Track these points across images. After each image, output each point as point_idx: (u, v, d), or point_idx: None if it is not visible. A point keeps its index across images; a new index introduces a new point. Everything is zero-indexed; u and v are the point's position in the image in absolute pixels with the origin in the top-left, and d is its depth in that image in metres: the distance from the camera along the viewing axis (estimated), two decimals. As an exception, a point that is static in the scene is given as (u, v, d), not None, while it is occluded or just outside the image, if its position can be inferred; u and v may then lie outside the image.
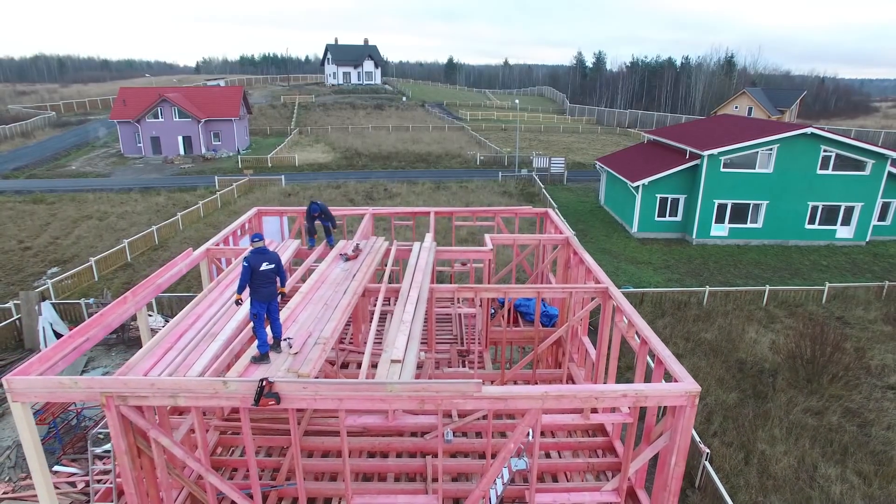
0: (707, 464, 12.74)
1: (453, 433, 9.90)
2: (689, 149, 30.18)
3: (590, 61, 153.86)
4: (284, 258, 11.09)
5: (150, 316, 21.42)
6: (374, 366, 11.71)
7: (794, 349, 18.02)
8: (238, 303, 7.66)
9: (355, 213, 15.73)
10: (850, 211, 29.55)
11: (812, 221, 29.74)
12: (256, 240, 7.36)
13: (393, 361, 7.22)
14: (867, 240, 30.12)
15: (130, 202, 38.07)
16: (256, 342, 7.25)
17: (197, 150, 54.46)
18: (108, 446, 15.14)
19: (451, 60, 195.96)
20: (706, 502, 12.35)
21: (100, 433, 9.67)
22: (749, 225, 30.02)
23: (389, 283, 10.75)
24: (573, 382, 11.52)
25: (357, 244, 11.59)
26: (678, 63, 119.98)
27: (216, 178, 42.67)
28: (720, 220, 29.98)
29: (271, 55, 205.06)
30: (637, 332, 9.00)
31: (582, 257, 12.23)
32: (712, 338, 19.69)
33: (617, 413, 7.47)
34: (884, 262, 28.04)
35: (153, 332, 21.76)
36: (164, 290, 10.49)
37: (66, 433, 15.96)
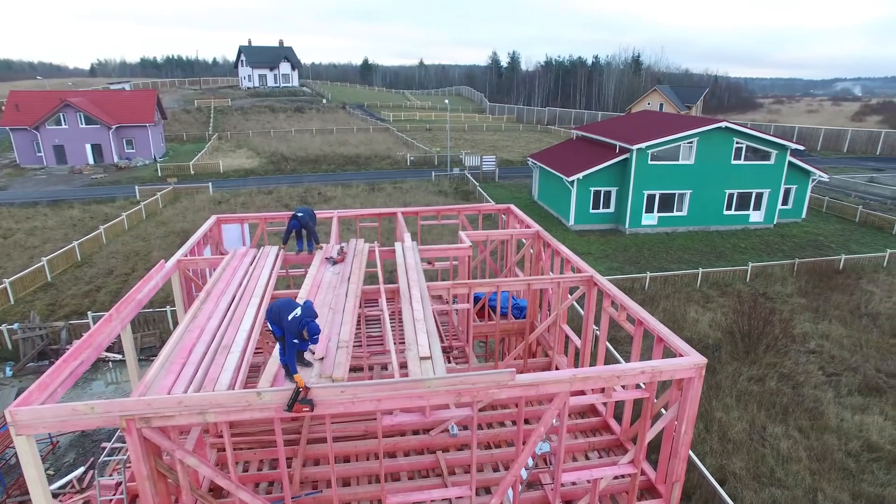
0: (677, 434, 13.71)
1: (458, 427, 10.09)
2: (618, 143, 31.99)
3: (505, 61, 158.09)
4: (267, 265, 10.75)
5: (86, 338, 19.82)
6: (383, 367, 11.66)
7: (732, 325, 19.72)
8: None
9: (321, 216, 15.41)
10: (759, 197, 32.59)
11: (729, 208, 32.51)
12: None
13: (422, 359, 7.29)
14: (775, 222, 33.35)
15: (39, 217, 34.77)
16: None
17: (108, 158, 50.56)
18: (65, 480, 13.95)
19: (366, 61, 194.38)
20: (679, 470, 13.28)
21: (107, 460, 8.89)
22: (675, 213, 32.31)
23: (375, 284, 10.75)
24: (559, 370, 12.02)
25: (342, 247, 11.46)
26: (590, 62, 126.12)
27: (136, 187, 39.90)
28: (650, 209, 32.04)
29: (176, 57, 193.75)
30: (630, 315, 9.61)
31: (557, 249, 12.78)
32: (659, 319, 20.99)
33: (637, 390, 7.96)
34: (790, 241, 31.17)
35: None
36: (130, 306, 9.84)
37: (8, 474, 14.51)
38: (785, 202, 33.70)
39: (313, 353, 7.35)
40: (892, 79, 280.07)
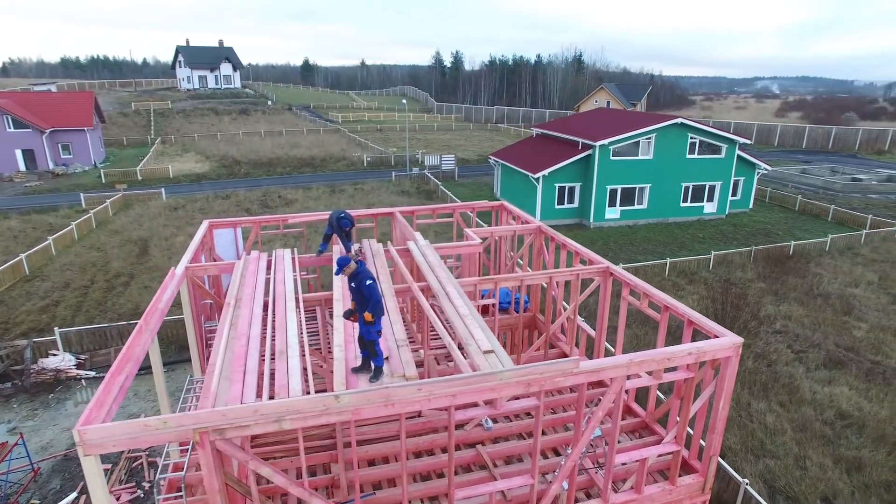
0: (677, 416, 14.38)
1: (492, 420, 10.23)
2: (581, 140, 32.96)
3: (448, 61, 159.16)
4: (288, 268, 10.51)
5: (55, 355, 18.64)
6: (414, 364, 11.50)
7: (705, 310, 20.79)
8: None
9: (316, 218, 15.16)
10: (712, 189, 34.46)
11: (685, 200, 34.18)
12: (346, 263, 7.02)
13: (485, 352, 7.37)
14: (726, 213, 35.35)
15: (-28, 229, 32.12)
16: (374, 360, 6.96)
17: (43, 164, 47.24)
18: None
19: (307, 62, 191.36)
20: (682, 449, 13.94)
21: (161, 479, 8.34)
22: (636, 206, 33.64)
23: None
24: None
25: (360, 247, 11.34)
26: (532, 61, 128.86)
27: (82, 195, 37.53)
28: (612, 203, 33.21)
29: (102, 57, 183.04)
30: (653, 302, 10.04)
31: (564, 242, 13.15)
32: (636, 309, 21.93)
33: (681, 371, 8.33)
34: (742, 230, 33.13)
35: (58, 371, 18.90)
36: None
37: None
38: (734, 193, 35.78)
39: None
40: (803, 78, 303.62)
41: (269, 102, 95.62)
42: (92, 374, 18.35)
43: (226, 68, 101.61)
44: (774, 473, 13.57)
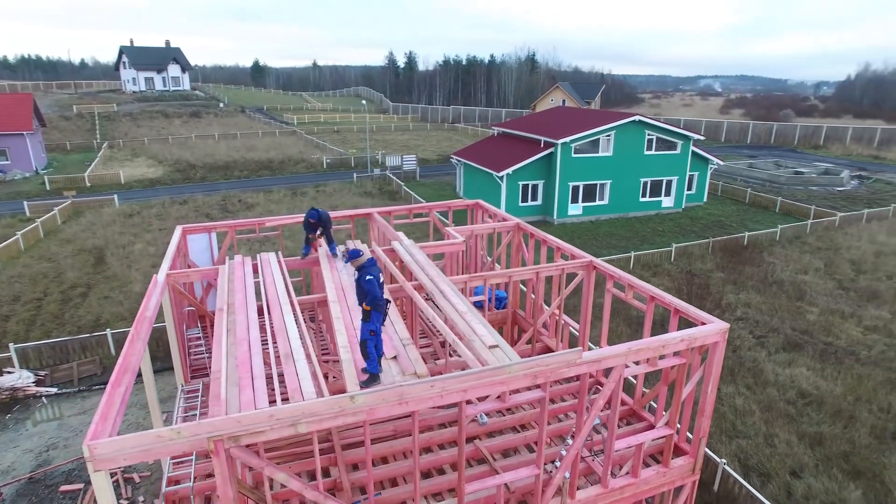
0: (654, 402, 14.89)
1: (486, 415, 10.37)
2: (542, 138, 33.58)
3: (402, 61, 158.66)
4: (277, 271, 10.34)
5: (10, 372, 17.64)
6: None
7: (671, 299, 21.62)
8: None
9: (293, 221, 14.93)
10: (669, 184, 35.74)
11: (644, 195, 35.32)
12: (357, 255, 7.04)
13: (490, 347, 7.49)
14: (683, 207, 36.74)
15: None
16: (367, 363, 6.92)
17: (-22, 172, 44.47)
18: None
19: (257, 63, 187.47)
20: (660, 434, 14.46)
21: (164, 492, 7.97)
22: (598, 202, 34.54)
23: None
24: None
25: (346, 248, 11.26)
26: (486, 61, 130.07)
27: (25, 203, 35.52)
28: (575, 200, 33.99)
29: (34, 57, 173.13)
30: (637, 293, 10.40)
31: (544, 238, 13.42)
32: (602, 303, 22.55)
33: (673, 358, 8.66)
34: (698, 223, 34.53)
35: (15, 390, 17.85)
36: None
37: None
38: (689, 188, 37.23)
39: (383, 354, 7.30)
40: (741, 76, 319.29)
41: (221, 105, 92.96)
42: (53, 390, 17.45)
43: (174, 70, 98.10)
44: (746, 452, 14.27)
